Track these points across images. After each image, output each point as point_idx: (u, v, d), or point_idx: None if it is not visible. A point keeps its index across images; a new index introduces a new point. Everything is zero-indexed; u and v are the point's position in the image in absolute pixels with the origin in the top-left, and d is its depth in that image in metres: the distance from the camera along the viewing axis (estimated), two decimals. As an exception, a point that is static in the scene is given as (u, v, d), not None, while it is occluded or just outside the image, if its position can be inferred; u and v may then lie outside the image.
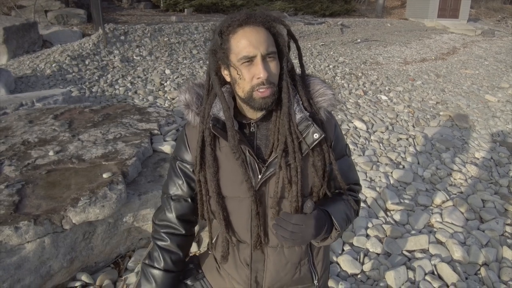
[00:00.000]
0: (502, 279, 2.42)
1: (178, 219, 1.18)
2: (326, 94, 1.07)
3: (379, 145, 4.22)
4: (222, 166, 1.08)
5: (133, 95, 5.22)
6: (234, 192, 1.08)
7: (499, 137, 4.88)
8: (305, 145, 1.03)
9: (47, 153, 2.56)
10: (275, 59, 1.00)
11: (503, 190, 3.54)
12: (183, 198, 1.18)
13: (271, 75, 0.98)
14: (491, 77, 8.07)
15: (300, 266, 1.15)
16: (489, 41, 13.60)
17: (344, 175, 1.12)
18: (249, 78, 0.97)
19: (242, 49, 0.96)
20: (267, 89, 0.98)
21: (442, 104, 5.88)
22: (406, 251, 2.62)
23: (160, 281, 1.16)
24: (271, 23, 1.01)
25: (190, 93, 1.11)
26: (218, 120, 1.04)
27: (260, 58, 0.96)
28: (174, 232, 1.19)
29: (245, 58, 0.96)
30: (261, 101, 0.99)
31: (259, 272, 1.15)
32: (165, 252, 1.18)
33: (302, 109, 1.04)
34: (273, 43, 1.00)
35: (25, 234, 1.81)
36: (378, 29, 13.61)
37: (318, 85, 1.09)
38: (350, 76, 6.85)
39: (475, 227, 2.91)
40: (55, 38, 7.66)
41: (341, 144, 1.15)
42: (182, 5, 12.53)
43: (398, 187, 3.45)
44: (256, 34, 0.97)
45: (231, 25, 0.99)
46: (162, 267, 1.17)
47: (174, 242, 1.18)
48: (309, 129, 1.01)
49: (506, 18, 19.72)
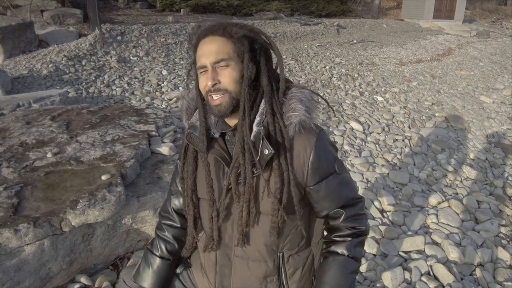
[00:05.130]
0: (497, 279, 2.45)
1: (175, 212, 1.30)
2: (297, 109, 1.02)
3: (375, 146, 4.25)
4: (200, 169, 1.15)
5: (130, 96, 5.22)
6: (204, 195, 1.14)
7: (494, 138, 4.93)
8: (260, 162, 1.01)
9: (45, 154, 2.57)
10: (228, 67, 1.00)
11: (498, 191, 3.58)
12: (181, 194, 1.28)
13: (220, 83, 1.00)
14: (486, 78, 8.13)
15: (266, 281, 1.16)
16: (484, 42, 13.69)
17: (333, 195, 1.09)
18: (203, 86, 1.03)
19: (198, 59, 1.03)
20: (218, 96, 1.01)
21: (437, 105, 5.93)
22: (402, 252, 2.65)
23: (156, 266, 1.26)
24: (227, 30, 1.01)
25: (185, 100, 1.19)
26: (195, 128, 1.11)
27: (210, 67, 1.00)
28: (170, 223, 1.30)
29: (200, 68, 1.03)
30: (214, 108, 1.03)
31: (226, 277, 1.18)
32: (162, 241, 1.29)
33: (260, 123, 1.01)
34: (228, 50, 1.00)
35: (24, 236, 1.82)
36: (374, 30, 13.67)
37: (292, 99, 1.04)
38: (346, 77, 6.88)
39: (470, 228, 2.95)
40: (52, 38, 7.63)
41: (326, 162, 1.07)
42: (179, 5, 12.51)
43: (394, 188, 3.48)
44: (209, 44, 1.01)
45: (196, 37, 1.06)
46: (158, 255, 1.28)
47: (171, 233, 1.29)
48: (259, 144, 0.99)
49: (501, 19, 19.85)
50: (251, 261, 1.13)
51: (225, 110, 1.02)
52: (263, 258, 1.12)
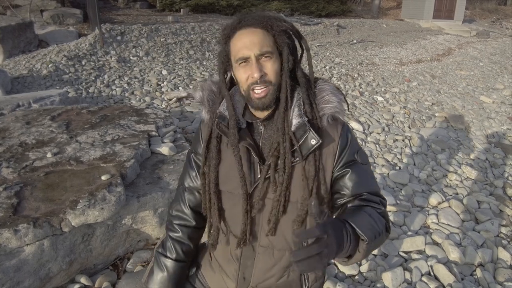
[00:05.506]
0: (497, 280, 2.45)
1: (190, 210, 1.24)
2: (331, 101, 1.06)
3: (375, 146, 4.25)
4: (225, 161, 1.12)
5: (130, 95, 5.21)
6: (232, 188, 1.11)
7: (494, 138, 4.93)
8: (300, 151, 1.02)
9: (45, 155, 2.56)
10: (271, 59, 1.01)
11: (498, 191, 3.57)
12: (196, 190, 1.23)
13: (266, 74, 1.01)
14: (486, 78, 8.13)
15: (289, 270, 1.16)
16: (484, 42, 13.70)
17: (356, 182, 1.07)
18: (245, 78, 1.02)
19: (238, 51, 1.01)
20: (262, 89, 1.01)
21: (437, 105, 5.93)
22: (402, 252, 2.64)
23: (172, 270, 1.22)
24: (269, 24, 1.02)
25: (204, 91, 1.16)
26: (223, 118, 1.08)
27: (254, 59, 1.00)
28: (186, 224, 1.24)
29: (241, 59, 1.01)
30: (257, 102, 1.02)
31: (248, 268, 1.16)
32: (177, 243, 1.23)
33: (302, 113, 1.04)
34: (270, 43, 1.02)
35: (24, 236, 1.81)
36: (374, 30, 13.67)
37: (325, 91, 1.08)
38: (346, 77, 6.88)
39: (470, 228, 2.94)
40: (51, 38, 7.62)
41: (350, 149, 1.10)
42: (179, 5, 12.51)
43: (395, 188, 3.48)
44: (251, 35, 1.00)
45: (230, 29, 1.04)
46: (174, 258, 1.22)
47: (186, 234, 1.24)
48: (306, 135, 1.01)
49: (500, 19, 19.85)
50: (276, 250, 1.13)
51: (269, 102, 1.02)
52: (289, 247, 1.12)
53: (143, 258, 2.34)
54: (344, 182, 1.08)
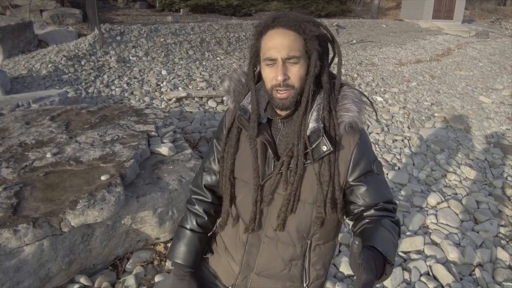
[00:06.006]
0: (496, 280, 2.46)
1: (206, 187, 1.32)
2: (350, 110, 1.07)
3: (374, 147, 4.25)
4: (243, 151, 1.17)
5: (130, 96, 5.22)
6: (246, 178, 1.16)
7: (493, 138, 4.94)
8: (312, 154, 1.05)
9: (45, 155, 2.56)
10: (298, 63, 1.03)
11: (497, 191, 3.58)
12: (213, 172, 1.31)
13: (290, 78, 1.03)
14: (485, 78, 8.14)
15: (291, 264, 1.19)
16: (483, 42, 13.71)
17: (371, 193, 1.10)
18: (270, 78, 1.05)
19: (267, 50, 1.03)
20: (284, 91, 1.03)
21: (437, 106, 5.93)
22: (401, 252, 2.65)
23: (187, 239, 1.29)
24: (302, 27, 1.03)
25: (232, 81, 1.20)
26: (245, 112, 1.12)
27: (281, 62, 1.01)
28: (201, 198, 1.32)
29: (268, 60, 1.03)
30: (278, 102, 1.05)
31: (253, 255, 1.21)
32: (193, 214, 1.32)
33: (319, 119, 1.05)
34: (299, 47, 1.02)
35: (24, 237, 1.82)
36: (373, 30, 13.68)
37: (347, 99, 1.08)
38: (345, 77, 6.89)
39: (469, 228, 2.95)
40: (51, 38, 7.62)
41: (366, 159, 1.11)
42: (178, 5, 12.51)
43: (394, 188, 3.48)
44: (282, 37, 1.01)
45: (264, 25, 1.06)
46: (189, 228, 1.30)
47: (201, 207, 1.32)
48: (319, 140, 1.03)
49: (500, 19, 19.87)
50: (281, 243, 1.17)
51: (290, 104, 1.05)
52: (293, 242, 1.16)
53: (143, 258, 2.35)
54: (361, 193, 1.10)
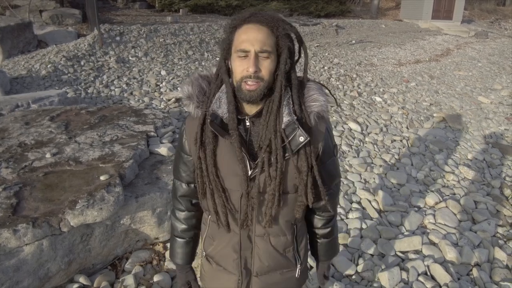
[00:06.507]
0: (493, 279, 2.47)
1: (180, 197, 1.35)
2: (318, 100, 1.13)
3: (373, 147, 4.26)
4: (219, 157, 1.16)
5: (129, 96, 5.22)
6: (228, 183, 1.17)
7: (491, 138, 4.95)
8: (290, 147, 1.09)
9: (44, 155, 2.57)
10: (269, 58, 1.06)
11: (495, 192, 3.59)
12: (182, 183, 1.32)
13: (260, 71, 1.06)
14: (484, 78, 8.16)
15: (285, 253, 1.27)
16: (482, 42, 13.73)
17: (331, 175, 1.24)
18: (240, 70, 1.06)
19: (240, 43, 1.06)
20: (253, 83, 1.06)
21: (435, 106, 5.95)
22: (399, 252, 2.66)
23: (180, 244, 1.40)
24: (276, 25, 1.08)
25: (193, 86, 1.19)
26: (216, 117, 1.12)
27: (254, 54, 1.04)
28: (179, 208, 1.37)
29: (241, 51, 1.05)
30: (247, 93, 1.07)
31: (248, 259, 1.25)
32: (175, 222, 1.39)
33: (291, 112, 1.10)
34: (272, 43, 1.07)
35: (23, 236, 1.83)
36: (372, 30, 13.69)
37: (312, 90, 1.15)
38: (345, 78, 6.90)
39: (467, 228, 2.96)
40: (50, 38, 7.63)
41: (331, 147, 1.22)
42: (178, 5, 12.51)
43: (392, 188, 3.49)
44: (256, 31, 1.05)
45: (239, 20, 1.09)
46: (178, 235, 1.40)
47: (180, 216, 1.37)
48: (295, 132, 1.08)
49: (499, 19, 19.89)
50: (272, 237, 1.23)
51: (257, 96, 1.07)
52: (283, 233, 1.23)
53: (142, 258, 2.36)
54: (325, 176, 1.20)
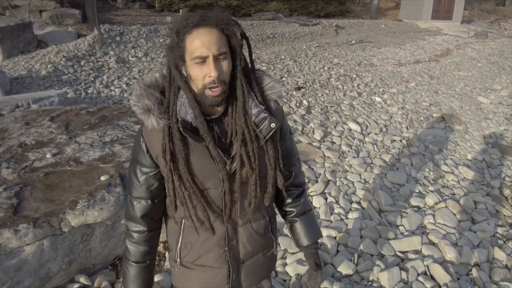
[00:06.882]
0: (493, 279, 2.47)
1: (142, 217, 1.27)
2: (275, 87, 1.19)
3: (373, 147, 4.27)
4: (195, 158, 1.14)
5: (129, 96, 5.23)
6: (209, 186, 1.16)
7: (491, 138, 4.96)
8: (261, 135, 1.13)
9: (45, 155, 2.58)
10: (226, 59, 1.07)
11: (495, 192, 3.60)
12: (144, 200, 1.25)
13: (222, 74, 1.06)
14: (484, 79, 8.17)
15: (264, 234, 1.32)
16: (482, 42, 13.74)
17: (290, 152, 1.32)
18: (201, 77, 1.05)
19: (195, 49, 1.03)
20: (217, 87, 1.06)
21: (435, 106, 5.95)
22: (399, 252, 2.67)
23: (134, 271, 1.31)
24: (225, 25, 1.07)
25: (149, 98, 1.15)
26: (186, 123, 1.10)
27: (212, 58, 1.03)
28: (139, 229, 1.29)
29: (198, 58, 1.04)
30: (212, 99, 1.07)
31: (234, 248, 1.27)
32: (133, 247, 1.30)
33: (257, 103, 1.15)
34: (225, 43, 1.07)
35: (24, 236, 1.83)
36: (372, 30, 13.70)
37: (266, 80, 1.20)
38: (344, 78, 6.90)
39: (467, 228, 2.97)
40: (50, 38, 7.63)
41: (287, 126, 1.32)
42: (177, 5, 12.52)
43: (392, 188, 3.50)
44: (209, 35, 1.04)
45: (187, 26, 1.05)
46: (132, 260, 1.30)
47: (141, 238, 1.29)
48: (265, 121, 1.13)
49: (499, 20, 19.90)
50: (254, 222, 1.27)
51: (222, 99, 1.08)
52: (263, 216, 1.30)
53: (142, 258, 2.36)
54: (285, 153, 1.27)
